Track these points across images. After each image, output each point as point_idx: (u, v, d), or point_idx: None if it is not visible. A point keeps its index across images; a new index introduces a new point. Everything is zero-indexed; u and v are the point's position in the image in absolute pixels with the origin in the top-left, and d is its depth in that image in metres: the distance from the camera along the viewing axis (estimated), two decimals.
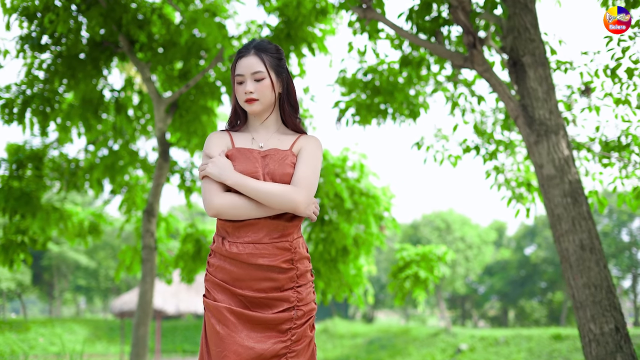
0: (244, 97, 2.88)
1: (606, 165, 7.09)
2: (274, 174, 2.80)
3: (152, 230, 8.69)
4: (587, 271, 5.09)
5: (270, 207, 2.74)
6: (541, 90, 5.42)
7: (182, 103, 9.00)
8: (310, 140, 2.97)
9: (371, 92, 8.32)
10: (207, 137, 2.94)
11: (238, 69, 2.89)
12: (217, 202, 2.73)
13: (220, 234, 2.83)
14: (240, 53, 2.91)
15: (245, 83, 2.88)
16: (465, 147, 8.29)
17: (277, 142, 2.93)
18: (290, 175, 2.82)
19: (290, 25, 8.30)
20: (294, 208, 2.74)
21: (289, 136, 2.98)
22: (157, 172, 8.83)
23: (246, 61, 2.88)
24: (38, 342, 30.12)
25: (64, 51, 8.53)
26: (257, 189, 2.72)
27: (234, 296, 2.74)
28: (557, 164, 5.30)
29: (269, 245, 2.75)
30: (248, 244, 2.74)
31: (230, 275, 2.75)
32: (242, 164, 2.80)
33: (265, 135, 2.96)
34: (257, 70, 2.86)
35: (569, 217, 5.20)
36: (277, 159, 2.84)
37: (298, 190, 2.76)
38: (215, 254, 2.82)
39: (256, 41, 2.92)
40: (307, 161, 2.87)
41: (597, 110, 6.98)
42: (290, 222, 2.82)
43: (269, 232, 2.77)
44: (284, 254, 2.77)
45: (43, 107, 8.71)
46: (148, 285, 8.42)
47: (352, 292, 9.84)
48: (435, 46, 5.97)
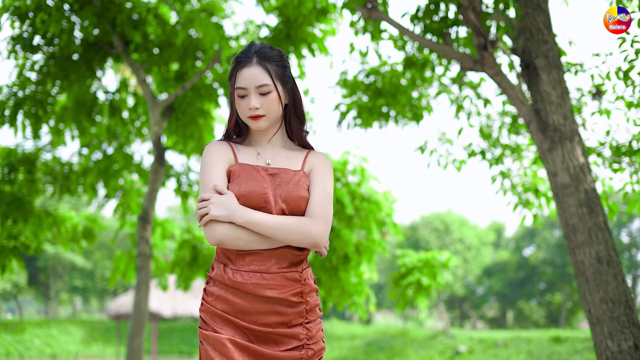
0: (248, 112, 2.58)
1: (616, 170, 6.88)
2: (288, 198, 2.54)
3: (147, 237, 8.46)
4: (604, 285, 4.84)
5: (285, 243, 2.49)
6: (555, 94, 5.16)
7: (178, 105, 8.81)
8: (321, 158, 2.73)
9: (373, 95, 8.15)
10: (206, 148, 2.64)
11: (240, 81, 2.58)
12: (221, 233, 2.45)
13: (220, 261, 2.56)
14: (240, 61, 2.60)
15: (249, 97, 2.58)
16: (470, 151, 8.10)
17: (286, 160, 2.66)
18: (306, 200, 2.57)
19: (289, 25, 8.10)
20: (313, 244, 2.51)
21: (296, 152, 2.72)
22: (153, 177, 8.61)
23: (249, 72, 2.57)
24: (34, 343, 30.00)
25: (56, 52, 8.35)
26: (272, 226, 2.45)
27: (238, 328, 2.47)
28: (572, 172, 5.05)
29: (278, 275, 2.49)
30: (254, 273, 2.47)
31: (233, 307, 2.47)
32: (247, 183, 2.52)
33: (272, 150, 2.68)
34: (263, 83, 2.56)
35: (585, 228, 4.95)
36: (290, 181, 2.57)
37: (316, 223, 2.52)
38: (216, 282, 2.53)
39: (257, 46, 2.62)
40: (321, 186, 2.62)
41: (607, 114, 6.75)
42: (300, 250, 2.55)
43: (277, 261, 2.50)
44: (293, 285, 2.51)
45: (35, 110, 8.54)
46: (143, 294, 8.18)
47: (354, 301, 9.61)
48: (444, 48, 5.72)
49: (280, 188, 2.54)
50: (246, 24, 8.62)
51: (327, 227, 2.56)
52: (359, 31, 7.30)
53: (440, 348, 26.68)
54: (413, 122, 8.32)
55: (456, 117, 8.17)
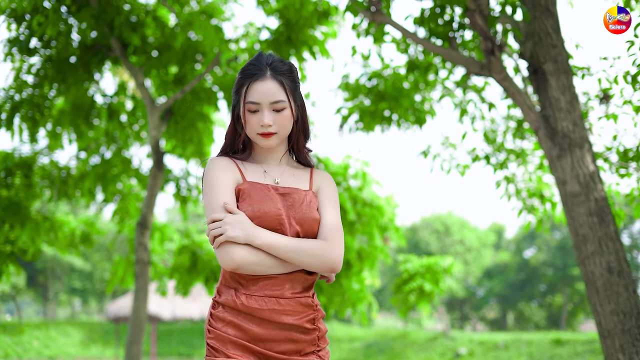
0: (260, 129, 2.43)
1: (623, 175, 6.77)
2: (302, 220, 2.41)
3: (146, 243, 8.32)
4: (615, 297, 4.71)
5: (302, 267, 2.37)
6: (564, 100, 5.02)
7: (177, 109, 8.68)
8: (327, 178, 2.61)
9: (375, 98, 8.03)
10: (210, 164, 2.47)
11: (253, 95, 2.41)
12: (239, 257, 2.29)
13: (229, 285, 2.40)
14: (252, 74, 2.43)
15: (262, 113, 2.42)
16: (474, 156, 7.99)
17: (293, 178, 2.53)
18: (319, 222, 2.44)
19: (290, 28, 7.97)
20: (331, 268, 2.39)
21: (301, 171, 2.59)
22: (151, 182, 8.48)
23: (263, 87, 2.40)
24: (32, 345, 29.90)
25: (53, 55, 8.22)
26: (291, 249, 2.32)
27: (253, 354, 2.32)
28: (581, 180, 4.91)
29: (292, 300, 2.36)
30: (269, 298, 2.33)
31: (247, 334, 2.32)
32: (260, 203, 2.37)
33: (278, 168, 2.54)
34: (278, 99, 2.41)
35: (595, 238, 4.81)
36: (302, 202, 2.44)
37: (333, 246, 2.39)
38: (226, 308, 2.37)
39: (268, 58, 2.46)
40: (332, 207, 2.51)
41: (615, 119, 6.62)
42: (310, 275, 2.44)
43: (291, 286, 2.37)
44: (307, 311, 2.38)
45: (32, 113, 8.41)
46: (141, 301, 8.03)
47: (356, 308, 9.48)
48: (449, 52, 5.59)
49: (293, 209, 2.41)
50: (246, 26, 8.50)
51: (343, 251, 2.44)
52: (361, 34, 7.19)
53: (440, 350, 26.68)
54: (416, 125, 8.22)
55: (460, 122, 8.06)
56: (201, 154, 9.05)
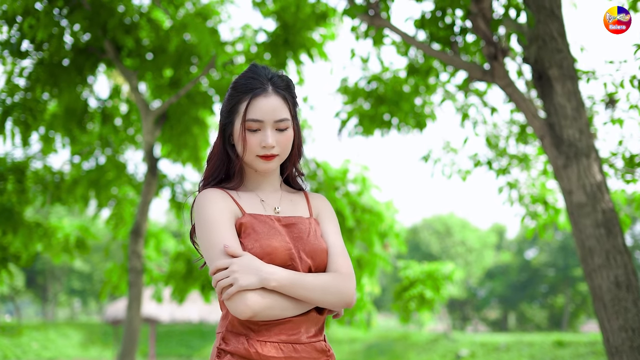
0: (261, 151, 2.18)
1: (629, 181, 6.62)
2: (313, 253, 2.18)
3: (139, 251, 8.12)
4: (623, 312, 4.51)
5: (319, 305, 2.14)
6: (570, 107, 4.82)
7: (172, 114, 8.49)
8: (324, 201, 2.40)
9: (375, 102, 7.90)
10: (202, 200, 2.18)
11: (255, 112, 2.15)
12: (255, 305, 2.03)
13: (237, 331, 2.14)
14: (252, 88, 2.18)
15: (264, 132, 2.17)
16: (476, 161, 7.85)
17: (291, 205, 2.30)
18: (327, 252, 2.22)
19: (288, 30, 7.80)
20: (348, 302, 2.18)
21: (296, 195, 2.36)
22: (145, 189, 8.29)
23: (267, 103, 2.15)
24: (31, 347, 29.78)
25: (45, 58, 8.05)
26: (308, 287, 2.09)
27: None
28: (588, 190, 4.72)
29: (308, 346, 2.13)
30: (286, 345, 2.10)
31: None
32: (267, 238, 2.12)
33: (274, 195, 2.30)
34: (283, 117, 2.18)
35: (602, 251, 4.62)
36: (309, 232, 2.22)
37: (347, 279, 2.18)
38: (235, 357, 2.10)
39: (268, 72, 2.22)
40: (336, 235, 2.29)
41: (620, 123, 6.46)
42: (322, 313, 2.21)
43: (307, 328, 2.15)
44: (321, 358, 2.17)
45: (25, 117, 8.22)
46: (134, 312, 7.82)
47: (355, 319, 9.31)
48: (451, 57, 5.40)
49: (301, 241, 2.18)
50: (243, 28, 8.35)
51: (355, 281, 2.23)
52: (360, 36, 7.05)
53: (441, 352, 26.63)
54: (416, 129, 8.10)
55: (461, 126, 7.92)
56: (196, 159, 8.88)
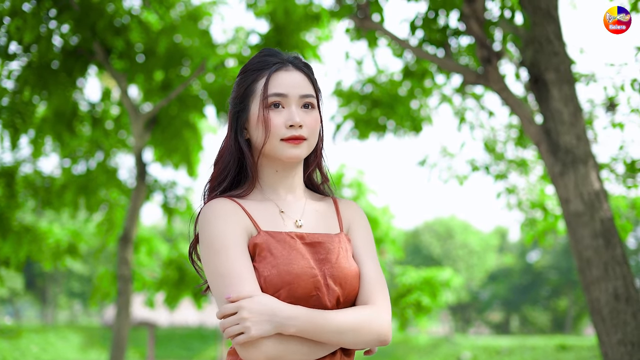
0: (287, 132, 1.81)
1: (630, 187, 6.49)
2: (343, 279, 1.81)
3: (128, 258, 7.95)
4: (622, 326, 4.33)
5: (350, 347, 1.79)
6: (567, 112, 4.64)
7: (162, 117, 8.32)
8: (357, 210, 1.99)
9: (370, 105, 7.78)
10: (206, 213, 1.82)
11: (277, 86, 1.81)
12: (271, 352, 1.70)
13: None
14: (268, 63, 1.85)
15: (289, 109, 1.82)
16: (473, 166, 7.73)
17: (316, 216, 1.90)
18: (358, 276, 1.85)
19: (281, 32, 7.64)
20: (383, 341, 1.79)
21: (323, 204, 1.97)
22: (135, 194, 8.13)
23: (290, 77, 1.82)
24: (30, 350, 29.67)
25: (34, 60, 7.89)
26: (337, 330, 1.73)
27: None
28: (586, 199, 4.54)
29: None
30: None
31: None
32: (287, 263, 1.76)
33: (295, 204, 1.91)
34: (308, 93, 1.84)
35: (601, 262, 4.44)
36: (338, 253, 1.83)
37: (381, 312, 1.80)
38: None
39: (285, 53, 1.90)
40: (372, 255, 1.91)
41: (621, 128, 6.30)
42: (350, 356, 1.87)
43: None
44: None
45: (13, 120, 8.07)
46: (123, 320, 7.63)
47: None
48: (445, 61, 5.23)
49: (328, 264, 1.81)
50: (236, 30, 8.19)
51: (391, 314, 1.87)
52: (354, 38, 6.93)
53: (443, 355, 26.48)
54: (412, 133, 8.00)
55: (459, 130, 7.79)
56: (188, 163, 8.71)
